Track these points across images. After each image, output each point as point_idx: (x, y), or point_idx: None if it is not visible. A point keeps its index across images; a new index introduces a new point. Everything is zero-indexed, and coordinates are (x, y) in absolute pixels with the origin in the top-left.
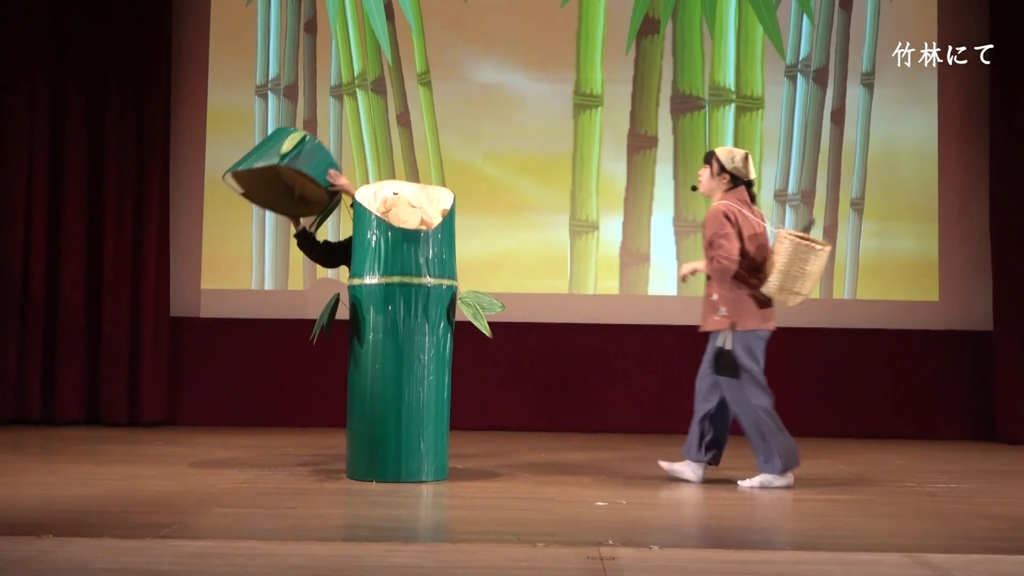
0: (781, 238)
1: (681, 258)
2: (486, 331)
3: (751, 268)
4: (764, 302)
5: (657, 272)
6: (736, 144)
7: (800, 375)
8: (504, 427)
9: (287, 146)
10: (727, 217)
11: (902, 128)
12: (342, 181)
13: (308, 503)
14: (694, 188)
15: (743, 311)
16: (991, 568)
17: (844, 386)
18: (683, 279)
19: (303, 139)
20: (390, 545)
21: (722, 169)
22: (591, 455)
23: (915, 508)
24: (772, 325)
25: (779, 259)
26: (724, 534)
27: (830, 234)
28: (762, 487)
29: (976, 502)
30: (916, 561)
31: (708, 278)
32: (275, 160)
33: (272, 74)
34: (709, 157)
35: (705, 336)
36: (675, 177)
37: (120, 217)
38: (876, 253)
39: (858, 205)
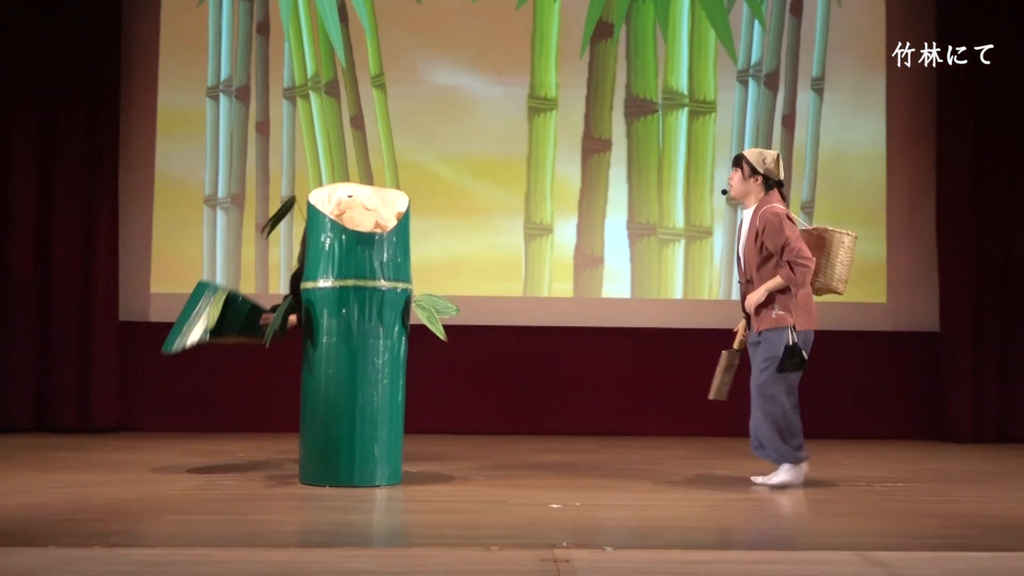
0: (831, 234)
1: (635, 260)
2: (441, 334)
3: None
4: (811, 302)
5: (611, 274)
6: (689, 147)
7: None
8: (459, 430)
9: (212, 315)
10: (790, 219)
11: (851, 132)
12: (270, 319)
13: (261, 509)
14: (724, 192)
15: (800, 310)
16: (939, 565)
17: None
18: (746, 332)
19: (225, 300)
20: (344, 550)
21: (754, 171)
22: (546, 457)
23: (864, 507)
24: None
25: (835, 254)
26: (677, 535)
27: None
28: (783, 485)
29: (924, 500)
30: (865, 559)
31: (750, 282)
32: (206, 338)
33: (224, 75)
34: (739, 160)
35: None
36: (629, 180)
37: (69, 220)
38: None
39: (808, 208)
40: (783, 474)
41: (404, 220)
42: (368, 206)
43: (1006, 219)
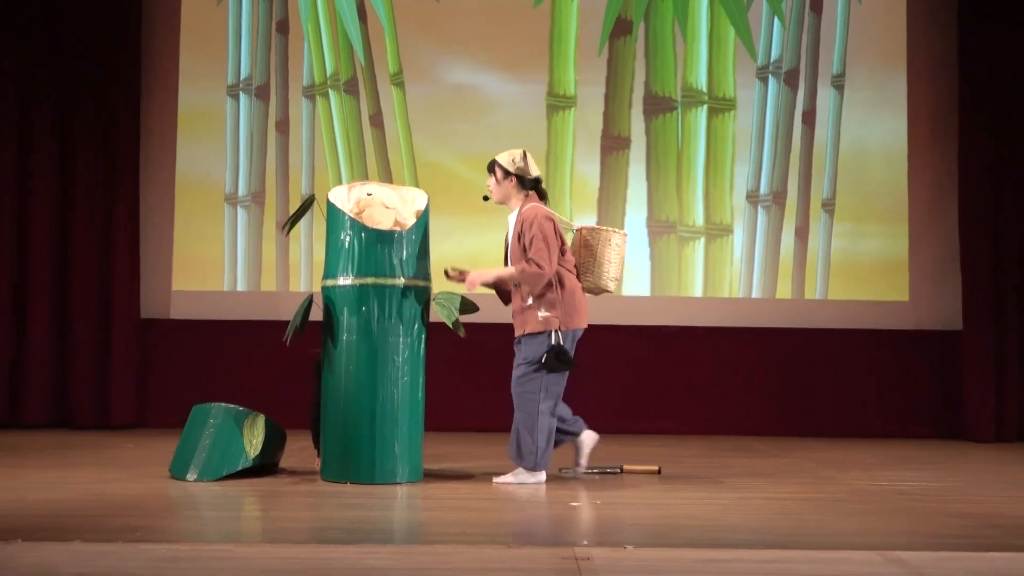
0: (597, 233)
1: (654, 258)
2: (460, 332)
3: (572, 265)
4: (581, 300)
5: (629, 273)
6: (709, 145)
7: (773, 375)
8: (479, 428)
9: (253, 444)
10: (551, 220)
11: (872, 129)
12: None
13: (281, 505)
14: (485, 198)
15: (566, 309)
16: (961, 565)
17: (815, 386)
18: (449, 275)
19: (259, 428)
20: (364, 547)
21: (507, 173)
22: (566, 456)
23: (885, 506)
24: (586, 323)
25: (602, 252)
26: (697, 533)
27: (802, 235)
28: (520, 483)
29: (946, 500)
30: (886, 559)
31: (517, 286)
32: (248, 464)
33: (244, 74)
34: (491, 166)
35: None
36: (648, 178)
37: (90, 219)
38: (847, 254)
39: (829, 206)
40: (519, 476)
41: (423, 218)
42: (387, 204)
43: None
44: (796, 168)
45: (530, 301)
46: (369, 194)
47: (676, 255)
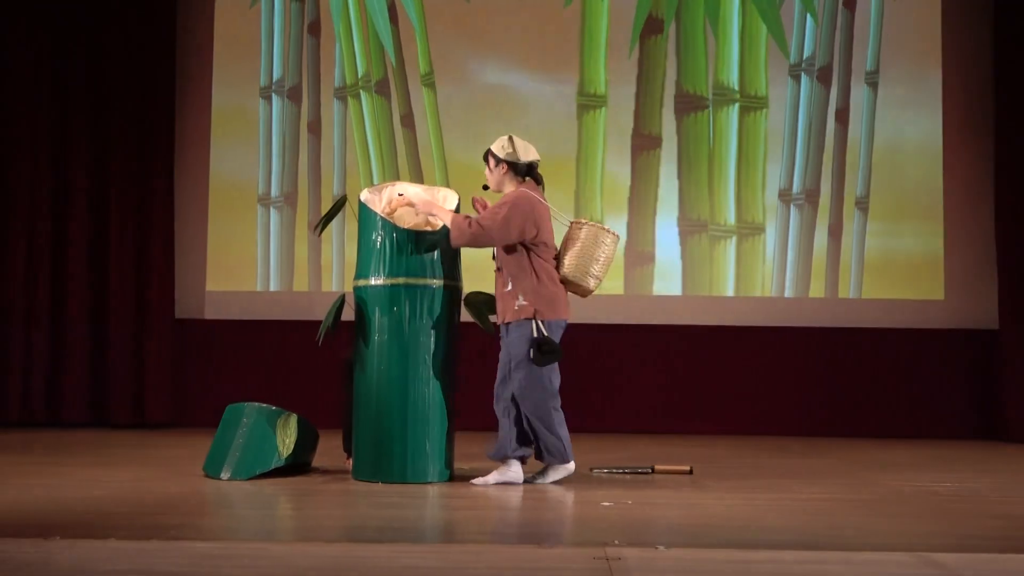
0: (579, 226)
1: (686, 258)
2: (489, 330)
3: (551, 257)
4: (560, 291)
5: (661, 272)
6: (740, 143)
7: (806, 374)
8: None
9: (286, 444)
10: (526, 204)
11: (906, 127)
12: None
13: (314, 504)
14: (485, 187)
15: (543, 299)
16: (999, 567)
17: (850, 385)
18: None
19: (292, 427)
20: (396, 546)
21: (498, 160)
22: (596, 455)
23: (922, 507)
24: (568, 315)
25: (577, 244)
26: (730, 534)
27: (835, 233)
28: (552, 481)
29: (983, 501)
30: (923, 561)
31: (500, 269)
32: (280, 464)
33: (276, 76)
34: (486, 155)
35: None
36: (679, 177)
37: (125, 219)
38: (881, 252)
39: (863, 204)
40: (505, 473)
41: None
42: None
43: None
44: (829, 166)
45: (509, 287)
46: (400, 194)
47: (708, 254)
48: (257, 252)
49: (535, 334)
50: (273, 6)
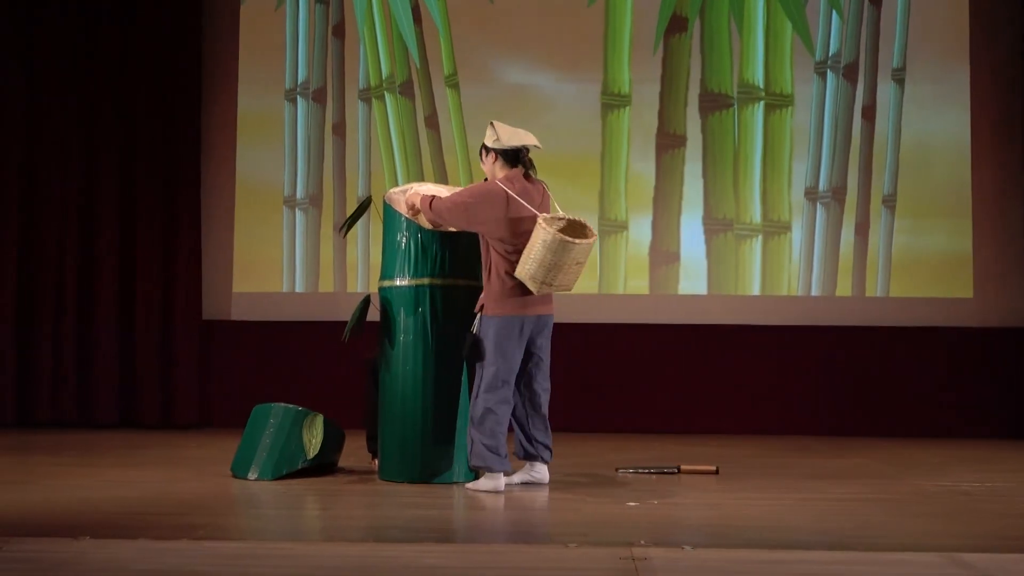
0: (541, 227)
1: (710, 257)
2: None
3: (512, 252)
4: (512, 288)
5: (687, 271)
6: (766, 142)
7: (833, 373)
8: None
9: (312, 444)
10: (484, 195)
11: (934, 124)
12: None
13: (340, 504)
14: (485, 179)
15: (496, 296)
16: None
17: (877, 384)
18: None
19: (318, 427)
20: (422, 546)
21: (487, 150)
22: (621, 455)
23: (950, 507)
24: (530, 312)
25: (535, 246)
26: (757, 534)
27: (862, 231)
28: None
29: (1012, 501)
30: (951, 561)
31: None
32: (307, 464)
33: (301, 78)
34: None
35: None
36: (704, 176)
37: (152, 221)
38: (909, 250)
39: (890, 202)
40: (482, 481)
41: None
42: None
43: None
44: (855, 164)
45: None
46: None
47: (733, 253)
48: (283, 253)
49: (474, 329)
50: (298, 9)
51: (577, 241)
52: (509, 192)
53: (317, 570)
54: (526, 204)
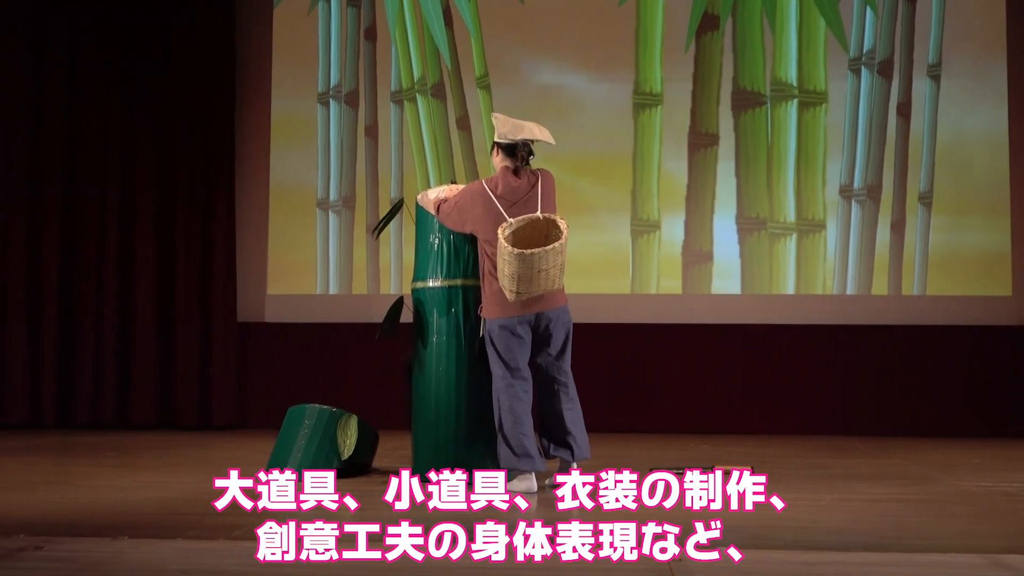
0: (498, 236)
1: (744, 256)
2: None
3: (495, 253)
4: (497, 291)
5: (720, 270)
6: (800, 140)
7: (868, 373)
8: None
9: (346, 445)
10: (464, 197)
11: (971, 120)
12: None
13: (374, 504)
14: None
15: (485, 297)
16: None
17: (915, 384)
18: None
19: (352, 428)
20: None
21: (494, 146)
22: (654, 455)
23: (990, 508)
24: (527, 311)
25: (500, 258)
26: (792, 535)
27: (898, 229)
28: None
29: None
30: (992, 562)
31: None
32: (341, 464)
33: (334, 81)
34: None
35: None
36: (737, 174)
37: (189, 225)
38: (946, 248)
39: (926, 199)
40: (515, 482)
41: None
42: None
43: None
44: (891, 161)
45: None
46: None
47: (767, 252)
48: (316, 256)
49: (481, 333)
50: (330, 12)
51: (531, 252)
52: (488, 190)
53: (352, 569)
54: (498, 205)
